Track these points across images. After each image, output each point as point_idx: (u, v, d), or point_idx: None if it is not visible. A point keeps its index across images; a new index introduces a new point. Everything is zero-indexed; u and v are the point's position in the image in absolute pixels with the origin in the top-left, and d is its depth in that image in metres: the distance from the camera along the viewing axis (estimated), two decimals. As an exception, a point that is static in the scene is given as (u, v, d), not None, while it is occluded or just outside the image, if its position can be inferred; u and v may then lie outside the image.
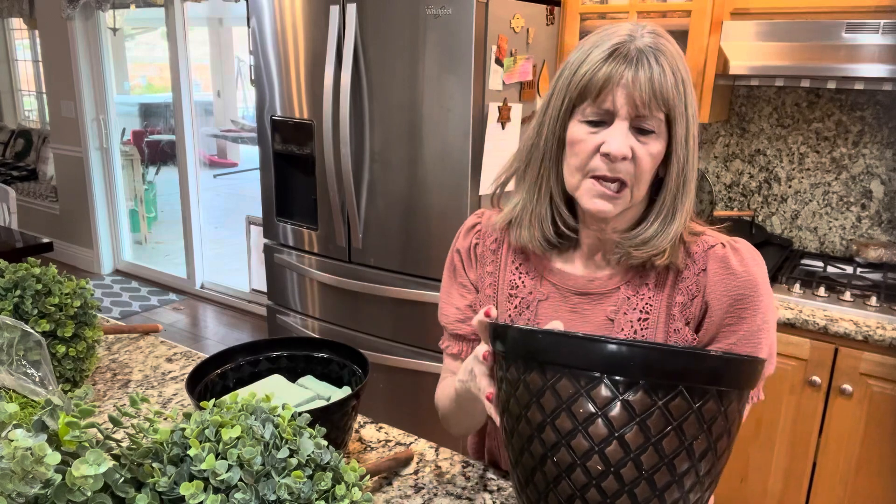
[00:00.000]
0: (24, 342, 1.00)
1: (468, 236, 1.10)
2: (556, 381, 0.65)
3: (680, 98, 0.86)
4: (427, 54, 2.06)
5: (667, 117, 0.87)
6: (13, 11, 5.07)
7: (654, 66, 0.84)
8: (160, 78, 8.39)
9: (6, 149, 5.71)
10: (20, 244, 2.78)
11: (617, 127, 0.86)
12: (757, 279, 0.91)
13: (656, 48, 0.86)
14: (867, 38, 1.84)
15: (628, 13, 2.25)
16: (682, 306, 0.94)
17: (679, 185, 0.90)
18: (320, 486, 0.66)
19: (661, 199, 0.92)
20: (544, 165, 0.95)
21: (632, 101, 0.85)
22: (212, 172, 8.40)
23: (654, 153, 0.88)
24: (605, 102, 0.86)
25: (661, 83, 0.84)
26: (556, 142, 0.92)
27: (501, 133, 2.15)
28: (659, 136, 0.88)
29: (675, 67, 0.86)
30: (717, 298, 0.92)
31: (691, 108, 0.89)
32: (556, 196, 0.96)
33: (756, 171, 2.43)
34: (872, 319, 1.83)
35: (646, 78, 0.84)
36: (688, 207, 0.92)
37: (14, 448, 0.56)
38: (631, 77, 0.84)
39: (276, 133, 2.48)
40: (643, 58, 0.85)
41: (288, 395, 1.11)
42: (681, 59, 0.88)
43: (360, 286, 2.37)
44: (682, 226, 0.92)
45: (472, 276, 1.09)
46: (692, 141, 0.89)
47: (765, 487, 2.00)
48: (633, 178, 0.88)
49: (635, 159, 0.87)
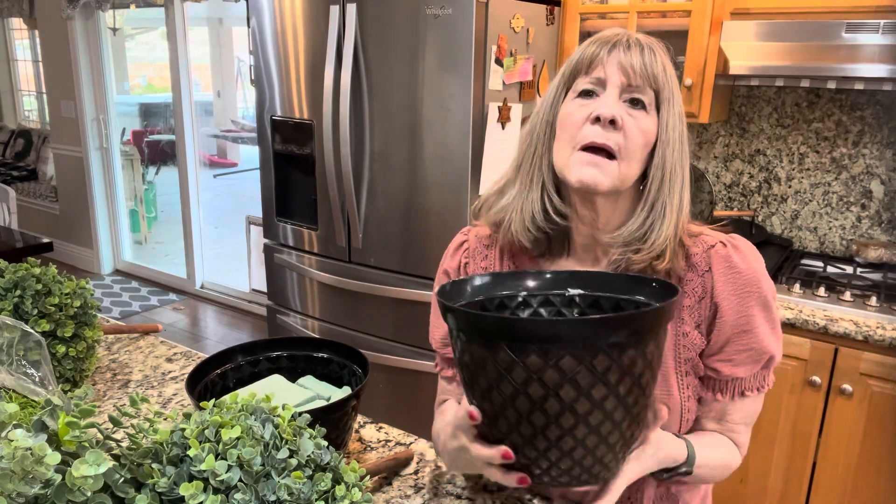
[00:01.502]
0: (24, 342, 1.00)
1: (456, 255, 1.07)
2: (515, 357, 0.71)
3: (668, 85, 0.89)
4: (427, 54, 2.06)
5: (656, 97, 0.89)
6: (13, 11, 5.07)
7: (646, 51, 0.89)
8: (160, 78, 8.39)
9: (6, 149, 5.71)
10: (20, 244, 2.78)
11: (608, 93, 0.88)
12: (759, 274, 0.92)
13: (646, 44, 0.90)
14: (867, 38, 1.84)
15: (628, 13, 2.25)
16: (690, 309, 0.93)
17: (665, 173, 0.89)
18: (320, 486, 0.66)
19: (647, 190, 0.90)
20: (536, 155, 0.94)
21: (624, 71, 0.88)
22: (212, 172, 8.40)
23: (644, 128, 0.88)
24: (597, 72, 0.89)
25: (651, 64, 0.88)
26: (548, 128, 0.93)
27: (501, 133, 2.15)
28: (649, 115, 0.88)
29: (664, 61, 0.90)
30: (727, 298, 0.91)
31: (678, 104, 0.90)
32: (548, 183, 0.94)
33: (756, 171, 2.43)
34: (872, 319, 1.83)
35: (637, 56, 0.88)
36: (679, 205, 0.90)
37: (14, 448, 0.56)
38: (622, 54, 0.88)
39: (276, 133, 2.48)
40: (632, 45, 0.89)
41: (288, 395, 1.11)
42: (670, 61, 0.91)
43: (360, 286, 2.37)
44: (675, 224, 0.90)
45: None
46: (678, 134, 0.90)
47: (765, 487, 2.00)
48: (623, 150, 0.87)
49: (625, 130, 0.87)
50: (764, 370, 0.94)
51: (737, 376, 0.93)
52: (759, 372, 0.94)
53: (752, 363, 0.92)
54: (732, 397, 0.94)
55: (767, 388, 0.96)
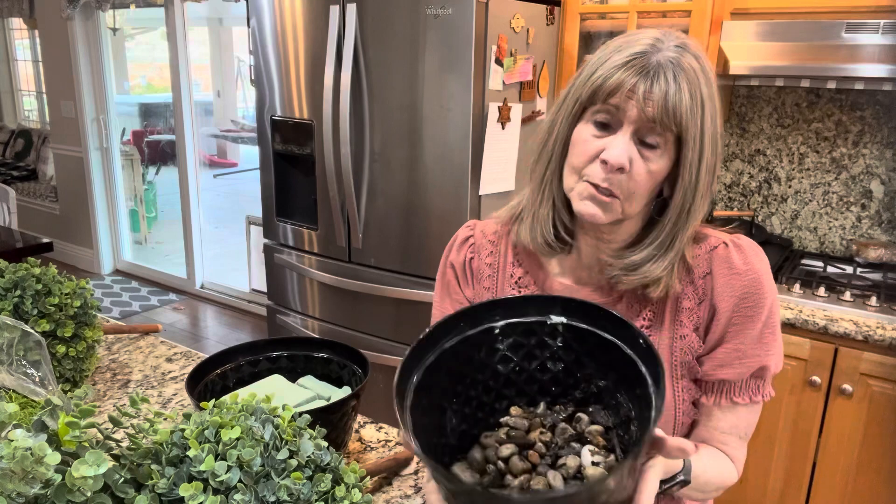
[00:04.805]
0: (24, 342, 1.00)
1: (462, 249, 1.07)
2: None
3: (694, 121, 0.82)
4: (427, 54, 2.06)
5: (677, 137, 0.83)
6: (13, 11, 5.07)
7: (671, 83, 0.81)
8: (160, 78, 8.40)
9: (6, 149, 5.71)
10: (20, 244, 2.78)
11: (620, 135, 0.84)
12: (761, 276, 0.90)
13: (678, 64, 0.82)
14: (867, 38, 1.84)
15: (628, 13, 2.25)
16: (689, 311, 0.92)
17: (683, 212, 0.87)
18: (320, 487, 0.66)
19: (661, 224, 0.89)
20: (550, 168, 0.93)
21: (641, 111, 0.82)
22: (212, 172, 8.40)
23: (654, 170, 0.85)
24: (616, 99, 0.83)
25: (675, 101, 0.81)
26: (562, 144, 0.90)
27: (501, 133, 2.15)
28: (663, 154, 0.84)
29: (696, 88, 0.82)
30: (724, 300, 0.90)
31: (709, 135, 0.84)
32: (559, 201, 0.94)
33: (756, 171, 2.43)
34: (872, 319, 1.83)
35: (660, 93, 0.81)
36: (688, 234, 0.89)
37: (14, 448, 0.56)
38: (645, 89, 0.81)
39: (276, 133, 2.48)
40: (661, 72, 0.81)
41: (288, 395, 1.11)
42: (706, 80, 0.84)
43: (360, 286, 2.37)
44: (679, 254, 0.89)
45: (469, 294, 1.06)
46: (704, 169, 0.85)
47: (765, 487, 2.00)
48: (625, 193, 0.85)
49: (633, 172, 0.84)
50: (757, 379, 0.92)
51: (724, 378, 0.91)
52: (751, 380, 0.92)
53: (741, 367, 0.90)
54: (719, 402, 0.92)
55: (763, 400, 0.93)
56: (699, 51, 0.86)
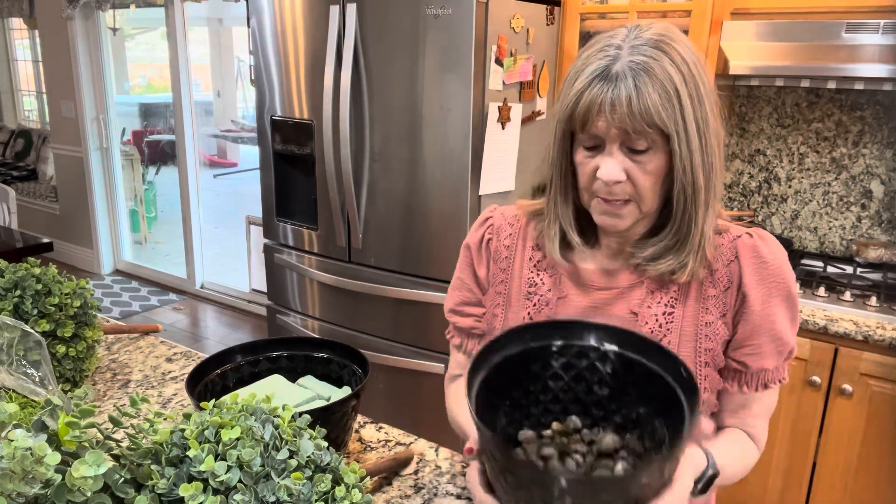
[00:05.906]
0: (24, 342, 1.00)
1: (480, 230, 1.09)
2: None
3: (669, 113, 0.82)
4: (427, 54, 2.06)
5: (661, 132, 0.84)
6: (13, 11, 5.07)
7: (632, 89, 0.82)
8: (160, 78, 8.40)
9: (6, 149, 5.71)
10: (20, 244, 2.78)
11: (608, 152, 0.87)
12: (784, 266, 0.93)
13: (639, 66, 0.82)
14: (867, 38, 1.84)
15: (628, 13, 2.25)
16: (715, 299, 0.94)
17: (688, 199, 0.88)
18: (320, 487, 0.66)
19: (673, 216, 0.91)
20: (563, 179, 0.95)
21: (616, 126, 0.83)
22: (212, 172, 8.40)
23: (652, 169, 0.87)
24: (593, 129, 0.86)
25: (641, 105, 0.81)
26: (566, 161, 0.93)
27: (501, 133, 2.15)
28: (656, 152, 0.86)
29: (665, 80, 0.82)
30: (755, 288, 0.92)
31: (691, 120, 0.84)
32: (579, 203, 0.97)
33: (756, 171, 2.43)
34: (872, 319, 1.83)
35: (626, 99, 0.82)
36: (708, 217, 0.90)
37: (14, 448, 0.56)
38: (611, 100, 0.82)
39: (276, 133, 2.48)
40: (620, 83, 0.82)
41: (288, 395, 1.11)
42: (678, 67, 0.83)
43: (360, 286, 2.37)
44: (703, 235, 0.90)
45: (482, 273, 1.08)
46: (698, 154, 0.85)
47: (765, 487, 2.00)
48: (634, 195, 0.88)
49: (632, 179, 0.87)
50: (785, 362, 0.96)
51: (764, 368, 0.94)
52: (782, 364, 0.96)
53: (777, 354, 0.94)
54: (757, 390, 0.96)
55: (786, 380, 0.98)
56: (672, 37, 0.86)
